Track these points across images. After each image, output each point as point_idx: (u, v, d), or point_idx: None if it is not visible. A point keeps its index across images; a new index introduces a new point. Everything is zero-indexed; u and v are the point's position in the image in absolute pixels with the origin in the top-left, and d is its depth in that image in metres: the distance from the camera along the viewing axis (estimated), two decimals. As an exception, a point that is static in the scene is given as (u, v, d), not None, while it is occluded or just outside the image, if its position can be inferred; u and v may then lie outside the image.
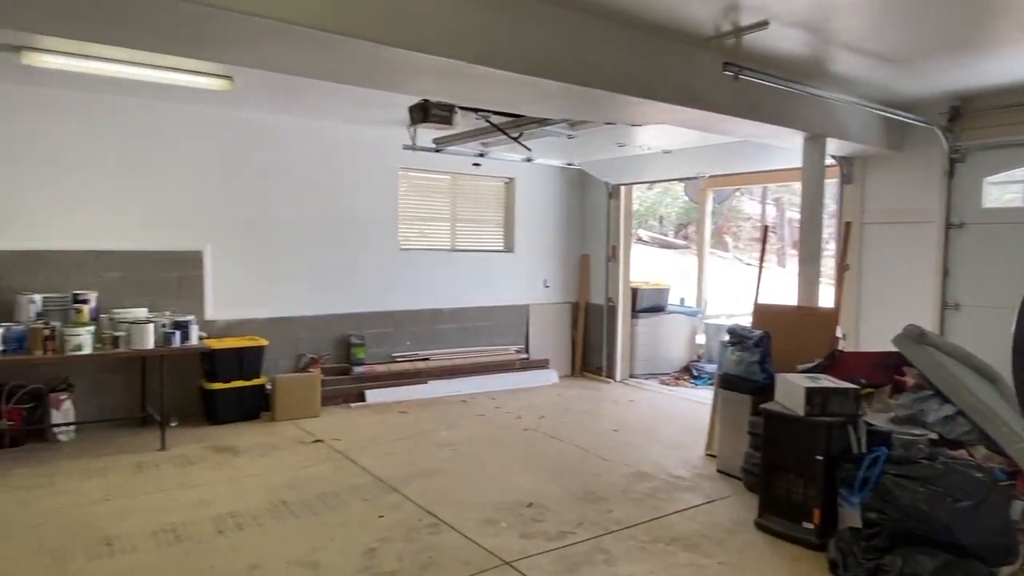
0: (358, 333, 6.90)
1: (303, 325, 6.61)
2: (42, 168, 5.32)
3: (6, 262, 5.16)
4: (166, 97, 5.56)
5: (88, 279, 5.48)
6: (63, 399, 5.23)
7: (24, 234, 5.27)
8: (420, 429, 5.82)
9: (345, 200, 6.84)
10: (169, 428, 5.51)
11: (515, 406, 6.73)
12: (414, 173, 7.40)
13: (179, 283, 5.92)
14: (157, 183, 5.80)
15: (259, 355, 5.97)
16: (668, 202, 21.59)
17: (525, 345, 8.18)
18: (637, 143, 6.71)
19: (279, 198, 6.44)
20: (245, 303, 6.29)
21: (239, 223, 6.24)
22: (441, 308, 7.53)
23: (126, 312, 5.24)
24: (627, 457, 5.18)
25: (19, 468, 4.58)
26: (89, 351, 4.77)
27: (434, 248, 7.60)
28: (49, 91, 5.28)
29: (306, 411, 6.08)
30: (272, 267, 6.43)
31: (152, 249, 5.78)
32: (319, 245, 6.70)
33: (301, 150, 6.53)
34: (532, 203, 8.24)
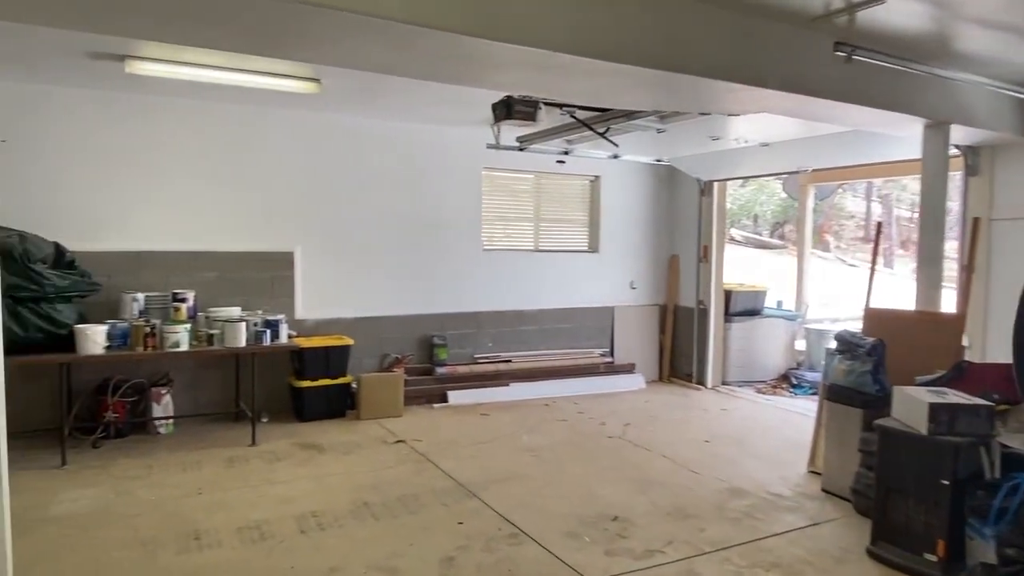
0: (441, 334, 6.88)
1: (387, 325, 6.65)
2: (146, 173, 5.59)
3: (114, 263, 5.45)
4: (259, 102, 5.72)
5: (186, 279, 5.71)
6: (163, 393, 5.46)
7: (130, 236, 5.55)
8: (501, 433, 5.70)
9: (429, 201, 6.83)
10: (260, 424, 5.66)
11: (599, 412, 6.50)
12: (498, 173, 7.31)
13: (271, 283, 6.08)
14: (251, 186, 5.99)
15: (345, 354, 6.04)
16: (763, 200, 20.61)
17: (610, 348, 7.92)
18: (732, 136, 6.33)
19: (365, 200, 6.51)
20: (333, 303, 6.39)
21: (327, 225, 6.34)
22: (524, 309, 7.40)
23: (221, 311, 5.41)
24: (720, 471, 4.85)
25: (122, 458, 4.80)
26: (186, 348, 4.95)
27: (517, 248, 7.48)
28: (152, 99, 5.54)
29: (389, 410, 6.10)
30: (358, 268, 6.51)
31: (246, 250, 5.97)
32: (404, 246, 6.72)
33: (386, 152, 6.58)
34: (618, 202, 7.97)
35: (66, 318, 4.66)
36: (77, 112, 5.33)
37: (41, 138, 5.23)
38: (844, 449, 4.36)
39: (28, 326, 4.46)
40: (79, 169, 5.36)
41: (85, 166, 5.38)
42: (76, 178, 5.35)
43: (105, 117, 5.42)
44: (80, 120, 5.34)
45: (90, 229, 5.39)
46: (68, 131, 5.31)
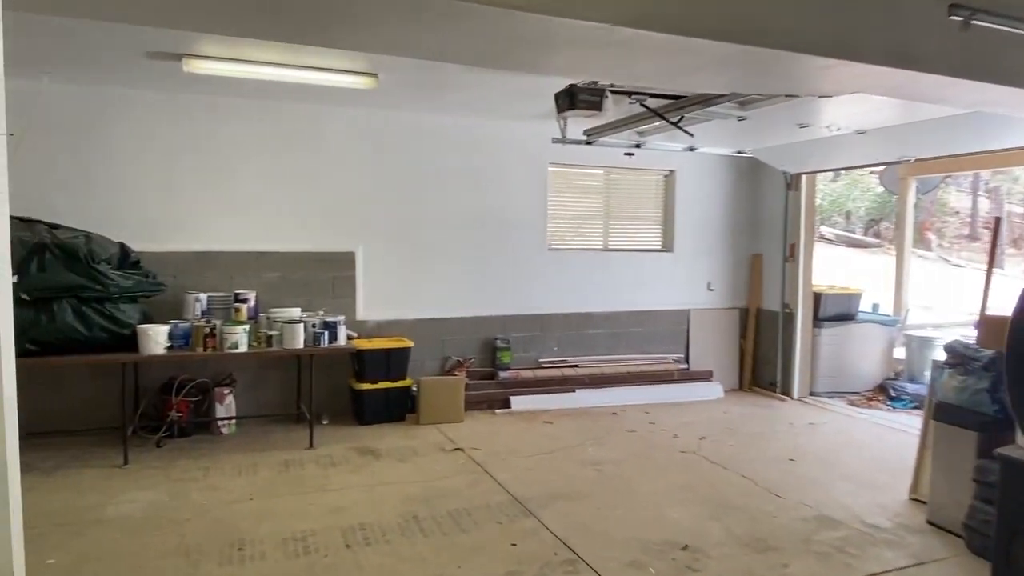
0: (504, 336, 6.62)
1: (449, 327, 6.45)
2: (210, 174, 5.61)
3: (179, 263, 5.49)
4: (320, 100, 5.64)
5: (250, 279, 5.70)
6: (226, 394, 5.46)
7: (195, 236, 5.59)
8: (564, 443, 5.38)
9: (492, 199, 6.59)
10: (320, 426, 5.59)
11: (671, 423, 6.06)
12: (565, 169, 6.98)
13: (333, 283, 6.00)
14: (313, 186, 5.92)
15: (405, 356, 5.88)
16: (856, 196, 19.29)
17: (685, 354, 7.44)
18: (824, 122, 5.74)
19: (427, 198, 6.33)
20: (394, 304, 6.26)
21: (389, 224, 6.21)
22: (592, 312, 7.04)
23: (281, 312, 5.35)
24: (807, 495, 4.35)
25: (182, 459, 4.80)
26: (245, 349, 4.90)
27: (585, 248, 7.13)
28: (215, 99, 5.55)
29: (449, 415, 5.90)
30: (420, 268, 6.35)
31: (307, 250, 5.91)
32: (467, 245, 6.51)
33: (448, 149, 6.38)
34: (695, 197, 7.47)
35: (129, 318, 4.70)
36: (142, 113, 5.40)
37: (107, 140, 5.32)
38: (954, 476, 3.80)
39: (92, 325, 4.51)
40: (144, 170, 5.43)
41: (150, 167, 5.45)
42: (142, 179, 5.42)
43: (169, 118, 5.47)
44: (145, 121, 5.41)
45: (156, 230, 5.45)
46: (133, 132, 5.38)
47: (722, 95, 4.51)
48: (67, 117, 5.19)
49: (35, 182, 5.10)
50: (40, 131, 5.07)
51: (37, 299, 4.34)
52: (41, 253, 4.36)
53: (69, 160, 5.22)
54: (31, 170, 5.08)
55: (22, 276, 4.27)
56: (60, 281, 4.39)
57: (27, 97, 4.97)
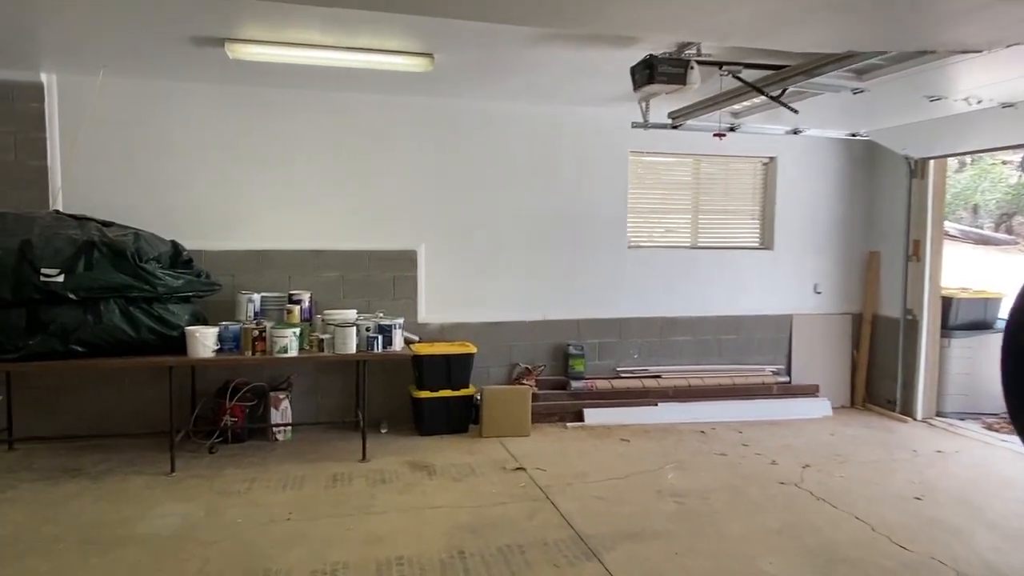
0: (578, 343, 6.05)
1: (517, 331, 5.95)
2: (267, 170, 5.38)
3: (237, 261, 5.30)
4: (379, 88, 5.29)
5: (308, 279, 5.43)
6: (282, 399, 5.21)
7: (252, 234, 5.37)
8: (641, 466, 4.75)
9: (566, 192, 6.03)
10: (377, 436, 5.27)
11: (769, 445, 5.29)
12: (647, 157, 6.32)
13: (393, 284, 5.64)
14: (373, 181, 5.59)
15: (468, 363, 5.43)
16: (985, 186, 17.22)
17: (786, 365, 6.58)
18: (961, 93, 4.77)
19: (494, 193, 5.86)
20: (458, 305, 5.83)
21: (452, 221, 5.79)
22: (677, 316, 6.33)
23: (335, 314, 5.04)
24: (940, 547, 3.53)
25: (230, 468, 4.56)
26: (294, 354, 4.60)
27: (671, 245, 6.43)
28: (271, 92, 5.31)
29: (515, 428, 5.39)
30: (486, 267, 5.88)
31: (367, 248, 5.58)
32: (537, 243, 5.99)
33: (516, 139, 5.88)
34: (799, 187, 6.59)
35: (178, 319, 4.50)
36: (196, 107, 5.23)
37: (162, 135, 5.18)
38: None
39: (140, 327, 4.34)
40: (200, 166, 5.26)
41: (206, 163, 5.27)
42: (198, 175, 5.26)
43: (224, 111, 5.28)
44: (199, 115, 5.24)
45: (212, 227, 5.28)
46: (188, 127, 5.22)
47: (834, 58, 3.75)
48: (121, 113, 5.08)
49: (91, 179, 5.04)
50: (96, 127, 5.00)
51: (85, 299, 4.21)
52: (89, 251, 4.22)
53: (124, 156, 5.12)
54: (87, 167, 5.02)
55: (69, 275, 4.14)
56: (107, 280, 4.23)
57: (83, 93, 4.90)
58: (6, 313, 4.09)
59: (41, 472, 4.41)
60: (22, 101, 4.83)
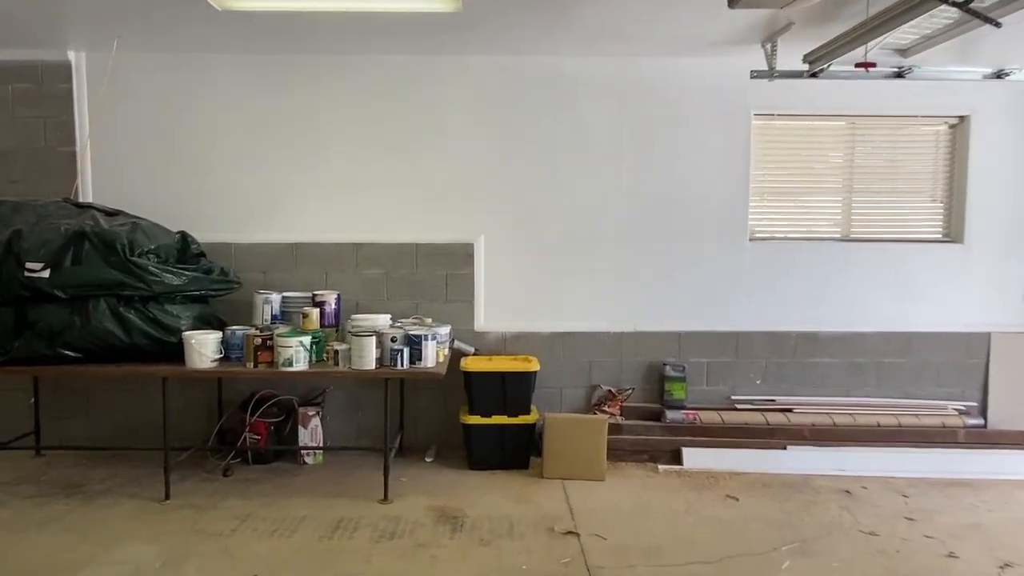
0: (678, 362, 4.74)
1: (599, 345, 4.77)
2: (302, 150, 4.68)
3: (271, 255, 4.65)
4: (425, 50, 4.40)
5: (348, 277, 4.67)
6: (311, 415, 4.49)
7: (286, 225, 4.71)
8: (748, 543, 3.40)
9: (663, 169, 4.74)
10: (421, 464, 4.40)
11: (948, 522, 3.67)
12: (779, 121, 4.84)
13: (446, 283, 4.71)
14: (422, 161, 4.70)
15: (527, 383, 4.36)
16: None
17: (980, 403, 4.78)
18: None
19: (570, 172, 4.73)
20: (524, 311, 4.78)
21: (518, 207, 4.74)
22: (819, 331, 4.79)
23: (363, 319, 4.21)
24: None
25: (233, 498, 3.88)
26: (302, 367, 3.81)
27: (811, 236, 4.90)
28: (301, 58, 4.59)
29: (585, 469, 4.24)
30: (560, 264, 4.77)
31: (414, 241, 4.69)
32: (625, 234, 4.77)
33: (598, 103, 4.70)
34: (1004, 157, 4.76)
35: (177, 322, 3.89)
36: (224, 82, 4.63)
37: (189, 115, 4.65)
38: None
39: (131, 330, 3.77)
40: (230, 149, 4.67)
41: (236, 145, 4.67)
42: (227, 159, 4.68)
43: (253, 86, 4.65)
44: (227, 91, 4.64)
45: (244, 218, 4.68)
46: (216, 104, 4.64)
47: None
48: (148, 90, 4.62)
49: (119, 165, 4.63)
50: (123, 108, 4.57)
51: (75, 297, 3.71)
52: (79, 243, 3.71)
53: (153, 139, 4.65)
54: (115, 152, 4.61)
55: (56, 270, 3.66)
56: (97, 276, 3.70)
57: (98, 70, 4.47)
58: (-6, 312, 3.69)
59: (42, 487, 4.01)
60: (50, 83, 4.51)
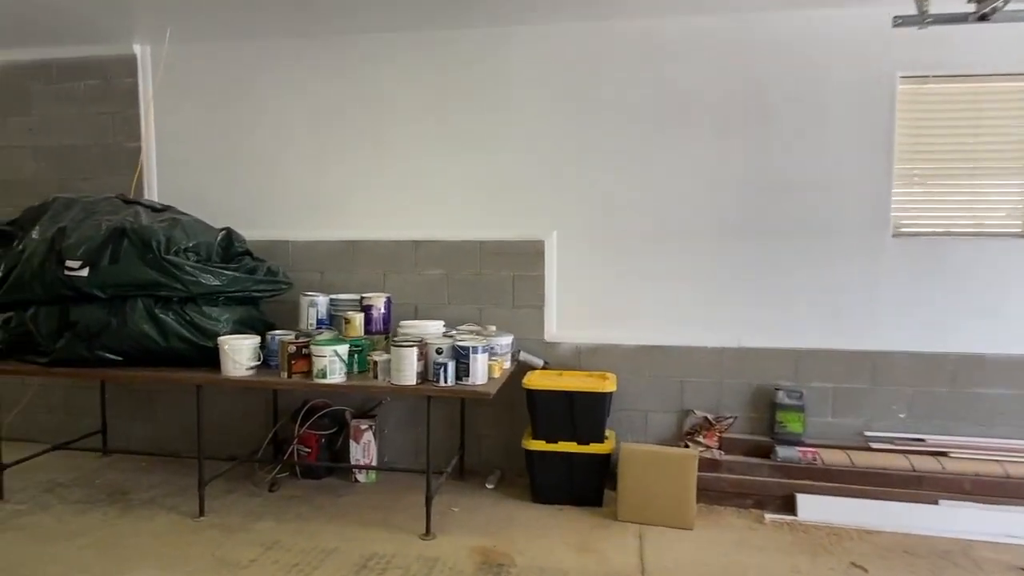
0: (794, 387, 3.85)
1: (693, 362, 3.99)
2: (359, 140, 4.30)
3: (329, 254, 4.31)
4: (488, 18, 3.83)
5: (407, 277, 4.23)
6: (363, 429, 4.09)
7: (343, 221, 4.36)
8: (872, 644, 2.54)
9: (781, 149, 3.88)
10: (481, 491, 3.88)
11: None
12: (934, 85, 3.80)
13: (513, 286, 4.14)
14: (487, 148, 4.16)
15: (601, 405, 3.69)
16: None
17: None
18: None
19: (661, 155, 3.99)
20: (603, 319, 4.10)
21: (598, 198, 4.07)
22: (985, 353, 3.72)
23: (412, 325, 3.73)
24: None
25: (268, 519, 3.54)
26: (339, 379, 3.39)
27: (976, 231, 3.82)
28: (357, 40, 4.20)
29: (669, 513, 3.50)
30: (646, 264, 4.05)
31: (477, 238, 4.16)
32: (729, 228, 3.95)
33: (696, 70, 3.92)
34: None
35: (215, 325, 3.62)
36: (280, 69, 4.36)
37: (246, 105, 4.42)
38: None
39: (168, 333, 3.54)
40: (287, 141, 4.40)
41: (293, 136, 4.39)
42: (285, 152, 4.40)
43: (308, 72, 4.33)
44: (283, 79, 4.37)
45: (301, 213, 4.38)
46: (272, 93, 4.38)
47: None
48: (207, 81, 4.43)
49: (180, 160, 4.48)
50: (177, 101, 4.42)
51: (113, 297, 3.53)
52: (117, 240, 3.52)
53: (211, 132, 4.47)
54: (176, 146, 4.47)
55: (94, 268, 3.49)
56: (133, 276, 3.49)
57: (176, 62, 4.33)
58: (40, 311, 3.59)
59: (91, 491, 3.89)
60: (117, 77, 4.44)
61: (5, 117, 4.58)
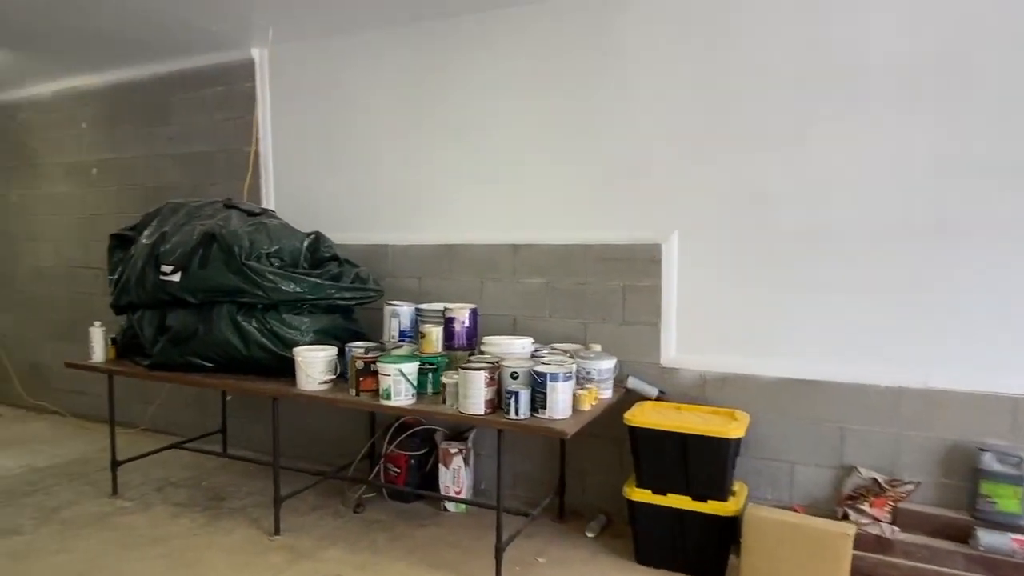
0: (1008, 449, 2.75)
1: (860, 404, 3.03)
2: (456, 134, 3.89)
3: (423, 259, 3.98)
4: (591, -25, 3.22)
5: (504, 286, 3.76)
6: (453, 454, 3.69)
7: (439, 223, 3.98)
8: None
9: (991, 120, 2.79)
10: (581, 541, 3.34)
11: None
12: None
13: (623, 298, 3.47)
14: (593, 137, 3.52)
15: (723, 453, 2.90)
16: None
17: None
18: None
19: (821, 134, 3.08)
20: (736, 341, 3.28)
21: (733, 190, 3.26)
22: None
23: (497, 341, 3.25)
24: None
25: (339, 547, 3.27)
26: (405, 402, 3.00)
27: None
28: (452, 23, 3.77)
29: (810, 610, 2.64)
30: (797, 274, 3.15)
31: (581, 242, 3.55)
32: (916, 229, 2.94)
33: (876, 21, 2.95)
34: None
35: (296, 335, 3.42)
36: (375, 61, 4.08)
37: (348, 103, 4.20)
38: None
39: (249, 341, 3.40)
40: (384, 137, 4.11)
41: (390, 132, 4.09)
42: (382, 150, 4.13)
43: (403, 62, 4.00)
44: (378, 71, 4.08)
45: (401, 215, 4.08)
46: (369, 88, 4.12)
47: None
48: (313, 80, 4.30)
49: (294, 164, 4.41)
50: (286, 103, 4.35)
51: (203, 303, 3.47)
52: (207, 245, 3.46)
53: (313, 133, 4.33)
54: (282, 150, 4.41)
55: (185, 273, 3.46)
56: (219, 282, 3.41)
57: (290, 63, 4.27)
58: (145, 315, 3.66)
59: (194, 493, 3.92)
60: (238, 83, 4.48)
61: (151, 127, 4.86)
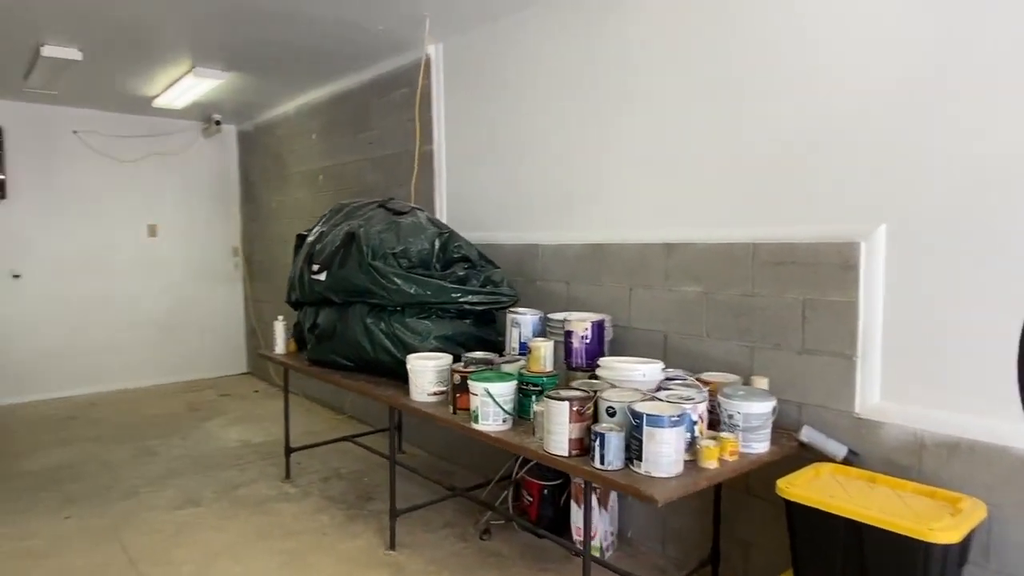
0: None
1: None
2: (605, 116, 3.27)
3: (571, 261, 3.46)
4: None
5: (654, 294, 3.07)
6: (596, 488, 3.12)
7: (588, 220, 3.41)
8: None
9: None
10: None
11: None
12: None
13: (803, 316, 2.53)
14: (766, 98, 2.62)
15: (921, 560, 1.87)
16: None
17: None
18: None
19: None
20: (978, 390, 2.14)
21: (971, 166, 2.13)
22: None
23: (615, 364, 2.60)
24: None
25: (447, 572, 2.96)
26: (493, 426, 2.54)
27: None
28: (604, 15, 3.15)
29: None
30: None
31: (750, 240, 2.68)
32: None
33: None
34: None
35: (416, 339, 3.19)
36: (530, 45, 3.66)
37: (500, 93, 3.85)
38: None
39: (376, 344, 3.27)
40: (535, 126, 3.67)
41: (542, 121, 3.64)
42: (534, 140, 3.69)
43: (554, 45, 3.49)
44: (532, 55, 3.64)
45: (550, 212, 3.61)
46: (523, 75, 3.72)
47: None
48: (471, 74, 4.04)
49: (456, 163, 4.23)
50: (454, 98, 4.17)
51: (345, 302, 3.46)
52: (348, 246, 3.42)
53: (476, 128, 4.06)
54: (453, 148, 4.24)
55: (328, 272, 3.48)
56: (353, 283, 3.33)
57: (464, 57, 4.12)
58: (307, 312, 3.79)
59: (348, 488, 3.96)
60: (417, 81, 4.44)
61: (356, 133, 5.13)
